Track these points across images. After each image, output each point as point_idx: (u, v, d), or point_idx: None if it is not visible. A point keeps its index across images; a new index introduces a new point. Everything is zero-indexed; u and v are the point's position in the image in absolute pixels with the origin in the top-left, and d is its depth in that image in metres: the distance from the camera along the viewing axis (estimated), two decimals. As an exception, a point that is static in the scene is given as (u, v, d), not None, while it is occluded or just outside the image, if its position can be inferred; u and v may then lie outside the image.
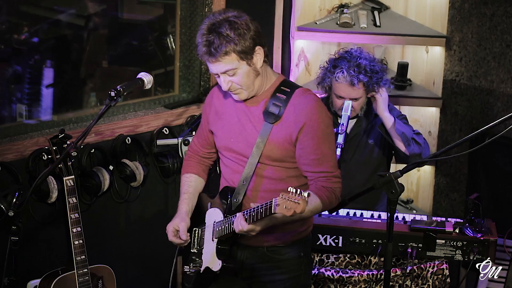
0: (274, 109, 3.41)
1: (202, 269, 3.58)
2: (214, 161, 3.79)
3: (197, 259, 3.62)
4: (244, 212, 3.31)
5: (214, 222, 3.55)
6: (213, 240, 3.54)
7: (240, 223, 3.31)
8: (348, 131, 4.47)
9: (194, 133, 4.20)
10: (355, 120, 4.51)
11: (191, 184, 3.70)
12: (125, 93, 3.30)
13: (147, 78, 3.43)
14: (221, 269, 3.49)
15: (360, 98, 4.40)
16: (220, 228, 3.49)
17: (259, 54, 3.36)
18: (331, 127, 3.47)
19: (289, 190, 3.10)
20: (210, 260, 3.54)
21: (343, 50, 4.48)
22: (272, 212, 3.17)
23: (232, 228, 3.37)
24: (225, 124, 3.53)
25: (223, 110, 3.55)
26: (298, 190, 3.08)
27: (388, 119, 4.38)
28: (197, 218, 3.65)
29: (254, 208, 3.26)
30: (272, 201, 3.17)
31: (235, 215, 3.37)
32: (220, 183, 3.65)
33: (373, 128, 4.53)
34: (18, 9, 4.33)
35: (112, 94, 3.28)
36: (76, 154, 3.77)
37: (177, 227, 3.54)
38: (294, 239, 3.55)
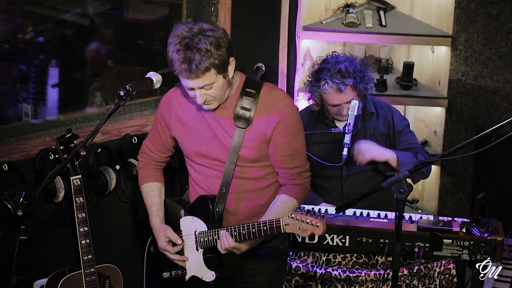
0: (243, 113, 3.41)
1: (187, 277, 3.59)
2: (167, 163, 3.79)
3: (178, 267, 3.62)
4: (237, 228, 3.33)
5: (196, 232, 3.53)
6: (197, 250, 3.54)
7: (227, 240, 3.34)
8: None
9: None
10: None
11: (154, 193, 3.72)
12: (134, 93, 3.29)
13: (156, 78, 3.42)
14: (215, 280, 3.51)
15: (352, 100, 4.40)
16: (205, 239, 3.49)
17: (231, 65, 3.35)
18: (301, 121, 3.52)
19: (298, 209, 3.17)
20: (199, 270, 3.55)
21: (320, 60, 4.50)
22: (281, 231, 3.22)
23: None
24: (192, 130, 3.52)
25: (187, 117, 3.53)
26: (312, 210, 3.15)
27: (391, 159, 4.37)
28: (167, 224, 3.66)
29: (252, 225, 3.29)
30: (279, 220, 3.22)
31: (222, 228, 3.39)
32: (190, 189, 3.66)
33: (371, 127, 4.53)
34: (23, 9, 4.32)
35: (121, 93, 3.26)
36: (85, 153, 3.77)
37: (167, 237, 3.56)
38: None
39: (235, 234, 3.36)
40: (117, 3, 4.69)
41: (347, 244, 4.10)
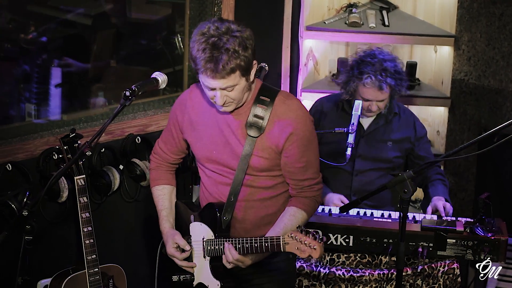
0: (256, 122, 3.34)
1: (194, 283, 3.57)
2: (179, 164, 3.76)
3: (186, 272, 3.60)
4: (240, 240, 3.30)
5: (204, 239, 3.50)
6: (204, 257, 3.51)
7: (231, 253, 3.31)
8: (365, 127, 4.49)
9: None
10: (373, 116, 4.51)
11: (165, 197, 3.67)
12: (140, 93, 3.28)
13: (161, 78, 3.41)
14: None
15: (385, 100, 4.41)
16: (212, 248, 3.45)
17: (253, 69, 3.29)
18: (314, 132, 3.45)
19: (298, 230, 3.13)
20: (205, 277, 3.52)
21: (365, 52, 4.46)
22: (282, 250, 3.19)
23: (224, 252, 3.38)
24: (203, 135, 3.46)
25: (199, 120, 3.47)
26: (312, 233, 3.11)
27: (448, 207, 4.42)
28: (177, 228, 3.63)
29: (254, 239, 3.26)
30: (279, 238, 3.19)
31: (228, 240, 3.36)
32: (201, 193, 3.62)
33: (392, 128, 4.53)
34: (25, 9, 4.32)
35: (127, 93, 3.24)
36: (90, 153, 3.76)
37: (176, 243, 3.53)
38: None
39: (239, 246, 3.31)
40: (120, 3, 4.70)
41: (351, 244, 4.10)
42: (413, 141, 4.55)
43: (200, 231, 3.52)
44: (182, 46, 4.88)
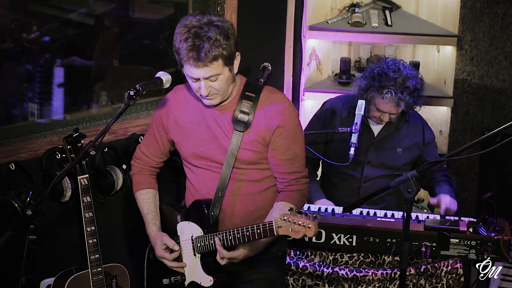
0: (242, 117, 3.40)
1: (186, 283, 3.58)
2: (160, 168, 3.78)
3: (177, 273, 3.61)
4: (232, 231, 3.32)
5: (192, 237, 3.52)
6: (195, 255, 3.53)
7: (221, 252, 3.34)
8: (375, 133, 4.48)
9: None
10: (383, 123, 4.50)
11: (150, 201, 3.70)
12: (144, 92, 3.28)
13: (165, 77, 3.41)
14: (213, 285, 3.50)
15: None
16: (201, 244, 3.47)
17: (237, 60, 3.35)
18: (300, 125, 3.49)
19: (290, 211, 3.14)
20: (197, 275, 3.54)
21: (390, 64, 4.37)
22: (275, 234, 3.19)
23: (214, 246, 3.39)
24: (190, 132, 3.50)
25: (185, 119, 3.52)
26: (303, 212, 3.12)
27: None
28: (164, 231, 3.65)
29: (246, 228, 3.27)
30: (271, 222, 3.19)
31: (218, 233, 3.38)
32: (187, 192, 3.65)
33: (402, 134, 4.52)
34: (27, 8, 4.32)
35: (132, 93, 3.24)
36: (94, 153, 3.76)
37: (164, 244, 3.55)
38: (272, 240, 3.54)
39: (230, 238, 3.34)
40: (123, 2, 4.70)
41: (354, 244, 4.09)
42: (421, 148, 4.55)
43: (188, 229, 3.54)
44: (184, 46, 4.87)
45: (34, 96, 4.33)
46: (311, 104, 5.30)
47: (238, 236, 3.31)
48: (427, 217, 4.19)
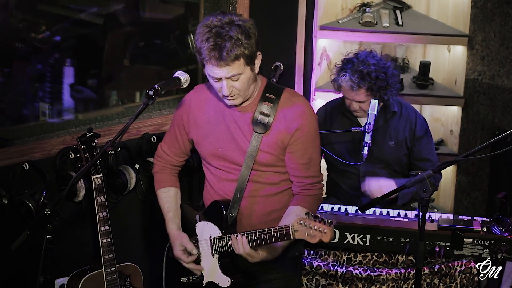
0: (262, 119, 3.39)
1: (204, 282, 3.58)
2: (182, 166, 3.78)
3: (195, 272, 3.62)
4: (249, 233, 3.31)
5: (211, 237, 3.52)
6: (213, 255, 3.53)
7: (242, 245, 3.32)
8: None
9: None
10: (363, 115, 4.51)
11: (171, 199, 3.70)
12: (163, 92, 3.28)
13: (184, 77, 3.40)
14: (230, 286, 3.49)
15: (365, 101, 4.40)
16: (219, 245, 3.48)
17: (258, 60, 3.35)
18: (318, 129, 3.48)
19: (306, 215, 3.13)
20: (215, 275, 3.54)
21: (354, 53, 4.50)
22: (291, 238, 3.19)
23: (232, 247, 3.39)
24: (209, 132, 3.50)
25: (205, 119, 3.52)
26: (319, 217, 3.12)
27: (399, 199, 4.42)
28: (183, 230, 3.65)
29: (262, 231, 3.27)
30: (288, 226, 3.19)
31: (236, 234, 3.37)
32: (205, 192, 3.65)
33: (392, 127, 4.52)
34: (36, 8, 4.32)
35: (150, 92, 3.24)
36: (113, 152, 3.76)
37: (183, 245, 3.56)
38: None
39: (247, 239, 3.34)
40: (133, 2, 4.70)
41: (367, 243, 4.10)
42: (411, 141, 4.54)
43: (206, 230, 3.54)
44: (195, 45, 4.87)
45: (45, 96, 4.34)
46: (321, 104, 5.29)
47: (255, 238, 3.30)
48: (440, 216, 4.19)
